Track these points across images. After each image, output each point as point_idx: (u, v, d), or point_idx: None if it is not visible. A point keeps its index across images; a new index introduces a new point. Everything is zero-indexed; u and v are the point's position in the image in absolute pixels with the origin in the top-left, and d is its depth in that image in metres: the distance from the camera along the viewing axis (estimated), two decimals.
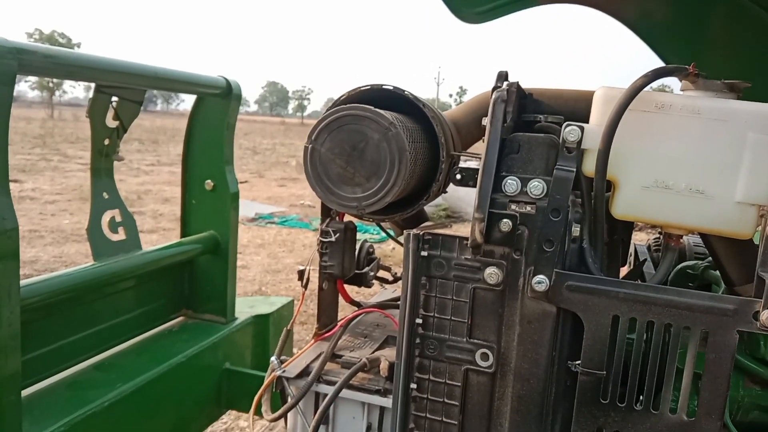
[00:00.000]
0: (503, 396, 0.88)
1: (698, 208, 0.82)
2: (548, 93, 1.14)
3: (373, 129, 1.00)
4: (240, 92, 2.01)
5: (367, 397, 1.15)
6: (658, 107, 0.82)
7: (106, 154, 1.73)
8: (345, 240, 1.26)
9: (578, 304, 0.82)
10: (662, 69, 0.82)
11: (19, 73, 1.17)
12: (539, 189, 0.84)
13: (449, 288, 0.89)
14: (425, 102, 1.11)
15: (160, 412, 1.76)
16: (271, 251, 7.53)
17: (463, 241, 0.87)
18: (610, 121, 0.80)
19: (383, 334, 1.37)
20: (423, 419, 0.93)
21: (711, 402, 0.79)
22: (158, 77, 1.67)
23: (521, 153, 0.88)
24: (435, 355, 0.91)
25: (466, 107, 1.30)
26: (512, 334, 0.86)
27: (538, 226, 0.84)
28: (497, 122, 0.86)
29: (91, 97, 1.62)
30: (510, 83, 0.92)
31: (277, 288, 6.04)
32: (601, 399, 0.82)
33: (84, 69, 1.41)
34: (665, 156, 0.82)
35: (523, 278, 0.84)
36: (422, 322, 0.91)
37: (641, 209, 0.84)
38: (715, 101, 0.82)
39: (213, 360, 2.00)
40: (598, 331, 0.81)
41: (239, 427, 3.27)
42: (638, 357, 0.81)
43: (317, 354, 1.26)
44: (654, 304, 0.79)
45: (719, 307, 0.77)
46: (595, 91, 0.88)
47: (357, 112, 1.00)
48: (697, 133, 0.81)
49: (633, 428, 0.82)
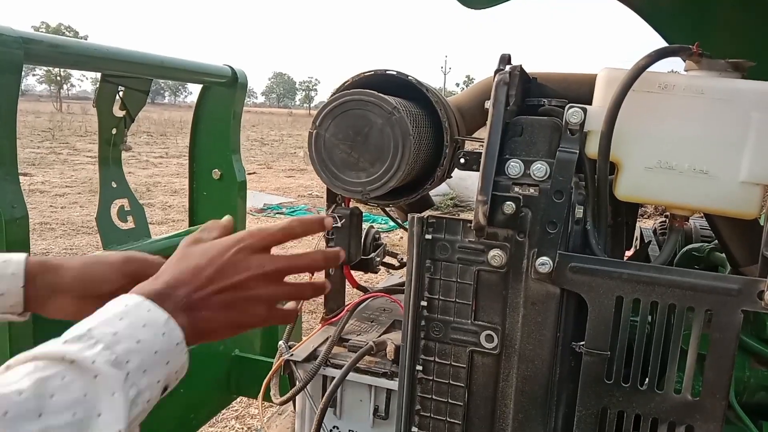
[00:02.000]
0: (508, 377, 0.89)
1: (702, 188, 0.81)
2: (553, 77, 1.13)
3: (376, 114, 1.00)
4: (246, 81, 2.02)
5: (374, 380, 1.16)
6: (661, 87, 0.82)
7: (113, 143, 1.74)
8: (351, 225, 1.26)
9: (582, 285, 0.82)
10: (665, 49, 0.82)
11: (25, 62, 1.18)
12: (542, 171, 0.85)
13: (453, 271, 0.90)
14: (429, 86, 1.11)
15: (169, 398, 1.77)
16: None
17: (466, 223, 0.88)
18: (613, 102, 0.80)
19: (390, 318, 1.38)
20: (429, 401, 0.93)
21: (715, 382, 0.79)
22: (164, 66, 1.67)
23: (524, 136, 0.88)
24: (440, 338, 0.91)
25: (469, 92, 1.30)
26: (516, 316, 0.87)
27: (542, 208, 0.84)
28: (500, 105, 0.86)
29: (98, 87, 1.63)
30: (513, 66, 0.92)
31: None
32: (605, 379, 0.82)
33: (89, 58, 1.42)
34: (669, 136, 0.82)
35: (527, 260, 0.85)
36: (427, 305, 0.91)
37: (645, 190, 0.84)
38: (719, 81, 0.81)
39: (222, 346, 2.02)
40: (602, 311, 0.81)
41: (250, 414, 3.30)
42: (642, 337, 0.82)
43: (324, 338, 1.27)
44: (657, 285, 0.79)
45: (723, 286, 0.77)
46: (599, 73, 0.88)
47: (360, 97, 1.01)
48: (700, 113, 0.80)
49: (637, 408, 0.82)
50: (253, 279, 0.72)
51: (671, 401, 0.81)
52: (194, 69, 1.85)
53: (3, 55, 1.13)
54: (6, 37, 1.14)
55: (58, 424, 0.53)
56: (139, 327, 0.63)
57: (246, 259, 0.73)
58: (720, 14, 1.20)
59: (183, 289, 0.69)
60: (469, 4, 1.41)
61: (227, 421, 3.25)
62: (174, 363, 0.66)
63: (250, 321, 0.75)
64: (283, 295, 0.77)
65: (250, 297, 0.73)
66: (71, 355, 0.57)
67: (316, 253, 0.80)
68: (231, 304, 0.72)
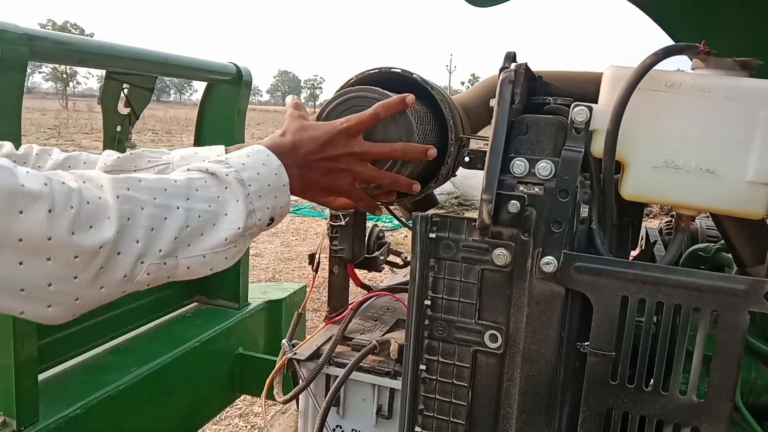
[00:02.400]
0: (512, 377, 0.88)
1: (709, 187, 0.81)
2: (558, 75, 1.13)
3: None
4: (250, 78, 2.02)
5: (378, 379, 1.16)
6: (668, 86, 0.81)
7: (118, 140, 1.75)
8: (355, 224, 1.26)
9: (587, 284, 0.81)
10: (672, 47, 0.81)
11: (30, 59, 1.18)
12: (547, 170, 0.84)
13: (458, 270, 0.89)
14: (433, 84, 1.10)
15: (174, 396, 1.78)
16: (284, 239, 7.58)
17: (471, 222, 0.87)
18: (619, 101, 0.79)
19: (393, 317, 1.37)
20: (432, 400, 0.93)
21: (721, 383, 0.78)
22: (168, 63, 1.67)
23: (529, 134, 0.87)
24: (444, 337, 0.91)
25: (474, 90, 1.29)
26: (521, 316, 0.86)
27: (547, 207, 0.83)
28: (505, 103, 0.86)
29: (102, 84, 1.63)
30: (518, 64, 0.92)
31: (290, 276, 6.08)
32: (610, 380, 0.82)
33: (94, 55, 1.42)
34: (675, 135, 0.81)
35: (532, 259, 0.84)
36: (431, 304, 0.91)
37: (651, 189, 0.84)
38: (727, 79, 0.81)
39: (226, 345, 2.02)
40: (607, 311, 0.81)
41: (253, 412, 3.31)
42: (648, 338, 0.81)
43: (328, 337, 1.27)
44: (663, 285, 0.78)
45: (729, 287, 0.76)
46: (604, 71, 0.87)
47: (365, 94, 1.00)
48: (707, 111, 0.80)
49: (642, 409, 0.81)
50: (346, 155, 0.93)
51: (677, 402, 0.80)
52: (199, 66, 1.85)
53: (8, 52, 1.13)
54: (11, 34, 1.14)
55: (199, 208, 0.76)
56: (260, 165, 0.84)
57: (345, 139, 0.93)
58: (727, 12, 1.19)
59: (301, 150, 0.90)
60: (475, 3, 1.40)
61: (231, 419, 3.25)
62: (280, 199, 0.85)
63: (337, 189, 0.96)
64: (366, 174, 0.96)
65: (342, 170, 0.94)
66: (212, 169, 0.80)
67: (397, 144, 0.98)
68: (328, 172, 0.93)
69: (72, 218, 0.64)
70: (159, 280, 0.76)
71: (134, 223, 0.70)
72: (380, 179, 0.99)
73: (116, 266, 0.69)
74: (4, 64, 1.13)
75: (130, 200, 0.70)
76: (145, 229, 0.71)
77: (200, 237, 0.77)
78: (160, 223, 0.72)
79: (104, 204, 0.68)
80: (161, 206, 0.73)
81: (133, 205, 0.70)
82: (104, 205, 0.68)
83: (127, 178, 0.73)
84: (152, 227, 0.71)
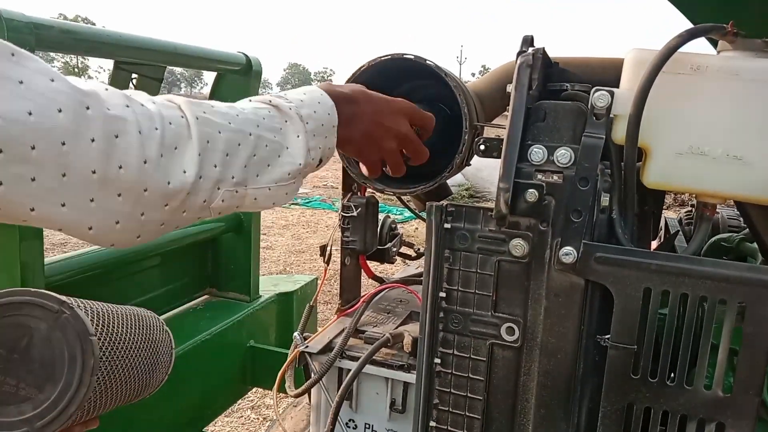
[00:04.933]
0: (529, 371, 0.86)
1: (736, 174, 0.78)
2: (575, 61, 1.10)
3: (37, 317, 0.72)
4: (260, 69, 2.00)
5: (391, 372, 1.14)
6: (693, 69, 0.78)
7: None
8: (367, 215, 1.24)
9: (608, 276, 0.79)
10: (698, 28, 0.78)
11: (37, 48, 1.16)
12: (566, 157, 0.81)
13: (473, 261, 0.87)
14: (447, 71, 1.07)
15: (185, 388, 1.77)
16: (295, 232, 7.58)
17: (487, 212, 0.85)
18: (642, 85, 0.76)
19: (406, 309, 1.35)
20: (447, 394, 0.91)
21: (748, 378, 0.75)
22: (177, 53, 1.65)
23: (547, 121, 0.85)
24: (459, 330, 0.89)
25: (489, 77, 1.26)
26: (539, 308, 0.84)
27: (566, 196, 0.80)
28: (522, 88, 0.83)
29: (110, 74, 1.61)
30: (535, 49, 0.89)
31: (301, 268, 6.08)
32: (631, 374, 0.79)
33: (102, 44, 1.40)
34: (701, 120, 0.78)
35: (550, 250, 0.82)
36: (446, 296, 0.88)
37: (675, 177, 0.81)
38: (755, 61, 0.77)
39: (237, 337, 2.01)
40: (629, 304, 0.78)
41: (265, 405, 3.31)
42: (671, 331, 0.78)
43: (340, 330, 1.25)
44: (688, 276, 0.75)
45: (758, 278, 0.73)
46: (626, 54, 0.84)
47: (10, 299, 0.71)
48: (735, 95, 0.76)
49: (665, 404, 0.79)
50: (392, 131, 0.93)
51: (701, 397, 0.78)
52: (208, 56, 1.83)
53: (14, 41, 1.11)
54: (17, 23, 1.13)
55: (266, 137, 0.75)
56: (316, 103, 0.82)
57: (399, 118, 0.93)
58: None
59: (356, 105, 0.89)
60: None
61: (243, 411, 3.26)
62: (329, 140, 0.83)
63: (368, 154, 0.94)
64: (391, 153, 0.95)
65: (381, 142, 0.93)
66: (275, 102, 0.79)
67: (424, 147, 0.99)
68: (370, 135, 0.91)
69: (159, 140, 0.63)
70: (230, 208, 0.74)
71: (213, 147, 0.69)
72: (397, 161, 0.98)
73: (198, 191, 0.68)
74: None
75: (208, 123, 0.69)
76: (221, 154, 0.70)
77: (267, 168, 0.76)
78: (235, 148, 0.71)
79: (186, 124, 0.67)
80: (236, 131, 0.72)
81: (211, 128, 0.69)
82: (186, 125, 0.67)
83: (201, 103, 0.72)
84: (227, 152, 0.70)
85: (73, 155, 0.56)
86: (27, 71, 0.55)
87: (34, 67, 0.56)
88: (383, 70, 1.06)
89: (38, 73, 0.56)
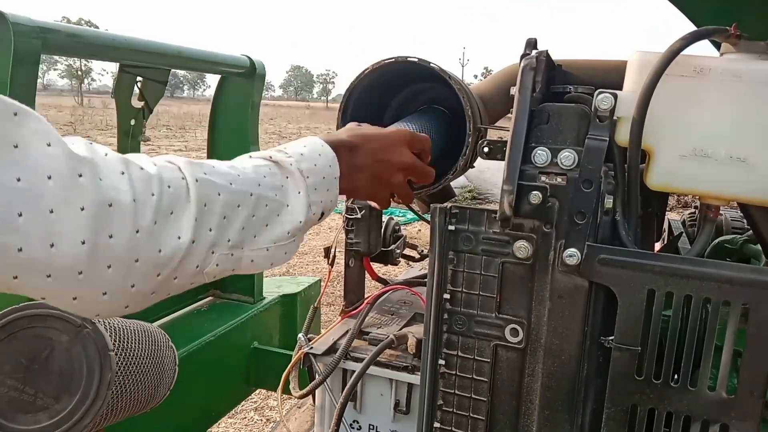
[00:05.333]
0: (533, 372, 0.86)
1: (739, 176, 0.78)
2: (578, 64, 1.10)
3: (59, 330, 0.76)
4: (264, 71, 2.00)
5: (395, 374, 1.15)
6: (696, 71, 0.78)
7: (132, 134, 1.74)
8: (371, 216, 1.25)
9: (611, 278, 0.79)
10: (701, 31, 0.78)
11: (43, 52, 1.17)
12: (570, 160, 0.81)
13: (477, 262, 0.87)
14: (451, 74, 1.08)
15: (189, 390, 1.77)
16: None
17: (491, 214, 0.85)
18: (646, 87, 0.76)
19: (410, 311, 1.36)
20: (451, 396, 0.91)
21: (752, 379, 0.76)
22: (181, 56, 1.66)
23: (551, 123, 0.85)
24: (463, 331, 0.89)
25: (492, 80, 1.27)
26: (542, 309, 0.84)
27: (570, 198, 0.81)
28: (526, 91, 0.83)
29: (116, 78, 1.62)
30: (539, 51, 0.89)
31: (304, 270, 6.08)
32: (635, 375, 0.79)
33: (107, 48, 1.41)
34: (704, 122, 0.78)
35: (554, 252, 0.82)
36: (450, 298, 0.89)
37: (678, 179, 0.81)
38: (759, 63, 0.78)
39: (241, 339, 2.01)
40: (633, 305, 0.78)
41: (269, 406, 3.31)
42: (675, 332, 0.78)
43: (344, 331, 1.26)
44: (692, 278, 0.76)
45: (761, 280, 0.73)
46: (630, 56, 0.84)
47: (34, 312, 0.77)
48: (738, 97, 0.77)
49: (669, 405, 0.79)
50: (396, 165, 0.90)
51: (705, 399, 0.78)
52: (212, 59, 1.84)
53: (21, 44, 1.12)
54: (24, 27, 1.14)
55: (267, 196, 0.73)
56: (316, 155, 0.79)
57: (400, 149, 0.90)
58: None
59: (357, 151, 0.86)
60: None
61: (246, 413, 3.26)
62: (331, 193, 0.80)
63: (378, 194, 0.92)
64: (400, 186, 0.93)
65: (389, 179, 0.90)
66: (276, 157, 0.76)
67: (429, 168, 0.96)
68: (376, 177, 0.89)
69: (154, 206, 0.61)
70: (225, 272, 0.71)
71: (210, 209, 0.66)
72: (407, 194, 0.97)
73: (191, 256, 0.65)
74: (18, 56, 1.12)
75: (208, 185, 0.67)
76: (218, 217, 0.67)
77: (265, 228, 0.73)
78: (233, 210, 0.69)
79: (185, 186, 0.65)
80: (236, 192, 0.69)
81: (211, 190, 0.67)
82: (185, 187, 0.65)
83: (202, 163, 0.70)
84: (225, 215, 0.68)
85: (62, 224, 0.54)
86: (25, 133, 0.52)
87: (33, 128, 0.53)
88: (387, 73, 1.07)
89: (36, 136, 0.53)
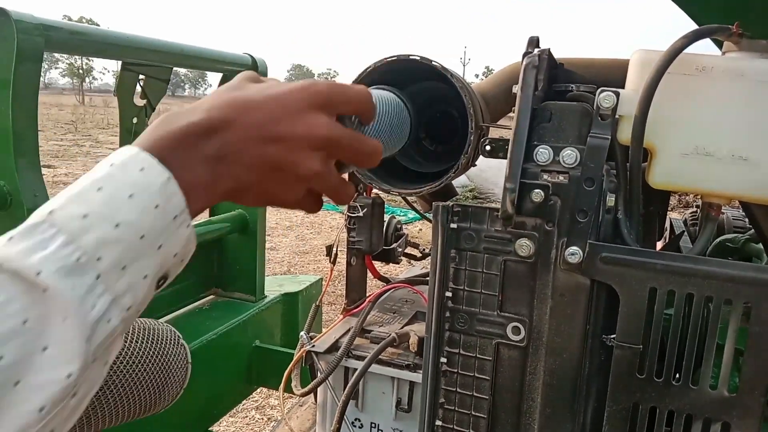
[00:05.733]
0: (535, 370, 0.86)
1: (741, 175, 0.78)
2: (580, 62, 1.10)
3: None
4: (266, 70, 2.00)
5: (397, 372, 1.15)
6: (698, 70, 0.78)
7: (134, 132, 1.74)
8: (373, 215, 1.25)
9: (613, 276, 0.79)
10: (703, 29, 0.78)
11: (46, 49, 1.17)
12: (572, 158, 0.82)
13: (479, 261, 0.87)
14: (453, 72, 1.08)
15: (190, 389, 1.77)
16: (300, 233, 7.58)
17: (493, 212, 0.85)
18: (648, 85, 0.77)
19: (412, 309, 1.36)
20: (453, 394, 0.91)
21: (754, 377, 0.76)
22: (183, 54, 1.66)
23: (553, 121, 0.85)
24: (465, 329, 0.89)
25: (494, 78, 1.27)
26: (544, 308, 0.84)
27: (572, 196, 0.81)
28: (528, 89, 0.83)
29: (118, 75, 1.62)
30: (541, 50, 0.89)
31: (305, 269, 6.08)
32: (637, 374, 0.80)
33: (110, 45, 1.41)
34: (706, 121, 0.78)
35: (556, 250, 0.82)
36: (452, 296, 0.89)
37: (680, 177, 0.81)
38: (761, 62, 0.78)
39: (243, 337, 2.01)
40: (635, 303, 0.78)
41: (270, 405, 3.32)
42: (676, 331, 0.79)
43: (346, 329, 1.26)
44: (693, 276, 0.76)
45: (763, 278, 0.73)
46: (631, 55, 0.84)
47: None
48: (741, 96, 0.77)
49: (671, 403, 0.79)
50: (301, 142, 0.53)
51: (707, 397, 0.78)
52: (214, 57, 1.84)
53: (23, 42, 1.13)
54: (27, 24, 1.14)
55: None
56: (123, 200, 0.44)
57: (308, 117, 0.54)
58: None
59: (222, 132, 0.50)
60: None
61: (247, 412, 3.26)
62: (171, 245, 0.47)
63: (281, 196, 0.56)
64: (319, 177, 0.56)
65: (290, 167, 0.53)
66: (12, 261, 0.39)
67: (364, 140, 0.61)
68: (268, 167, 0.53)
69: None
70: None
71: None
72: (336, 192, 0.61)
73: None
74: (21, 54, 1.12)
75: None
76: None
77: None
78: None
79: None
80: None
81: None
82: None
83: None
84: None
85: None
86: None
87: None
88: (388, 72, 1.07)
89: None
